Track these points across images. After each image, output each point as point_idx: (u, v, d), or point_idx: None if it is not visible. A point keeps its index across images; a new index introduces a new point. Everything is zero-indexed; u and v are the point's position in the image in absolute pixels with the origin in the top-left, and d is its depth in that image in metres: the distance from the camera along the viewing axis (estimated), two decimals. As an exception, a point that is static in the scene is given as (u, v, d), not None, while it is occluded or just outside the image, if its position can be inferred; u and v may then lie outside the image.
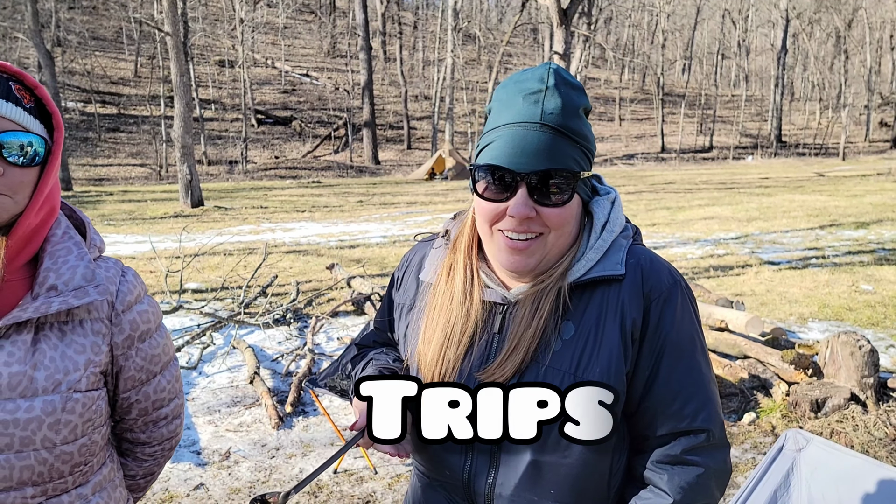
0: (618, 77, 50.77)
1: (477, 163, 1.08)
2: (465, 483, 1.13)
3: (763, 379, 4.47)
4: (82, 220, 1.29)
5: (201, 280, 8.25)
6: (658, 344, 1.07)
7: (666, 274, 1.10)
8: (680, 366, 1.07)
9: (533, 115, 1.04)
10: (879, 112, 47.34)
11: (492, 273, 1.17)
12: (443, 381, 1.11)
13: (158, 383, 1.31)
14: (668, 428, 1.08)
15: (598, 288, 1.08)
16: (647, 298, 1.07)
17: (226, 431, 4.22)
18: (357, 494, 3.46)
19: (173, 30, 15.64)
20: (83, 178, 24.18)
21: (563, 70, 1.09)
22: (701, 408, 1.07)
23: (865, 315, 6.55)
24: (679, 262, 9.20)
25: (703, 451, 1.07)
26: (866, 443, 3.72)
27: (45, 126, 1.16)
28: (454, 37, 32.65)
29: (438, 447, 1.14)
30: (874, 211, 14.09)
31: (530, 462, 1.06)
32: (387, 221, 14.17)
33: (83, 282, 1.15)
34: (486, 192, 1.06)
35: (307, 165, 29.22)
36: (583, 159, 1.07)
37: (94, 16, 42.22)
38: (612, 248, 1.10)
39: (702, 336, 1.13)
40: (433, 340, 1.15)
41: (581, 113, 1.07)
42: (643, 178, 25.56)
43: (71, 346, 1.14)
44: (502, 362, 1.07)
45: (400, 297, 1.29)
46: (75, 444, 1.15)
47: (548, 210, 1.04)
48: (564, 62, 21.28)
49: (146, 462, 1.40)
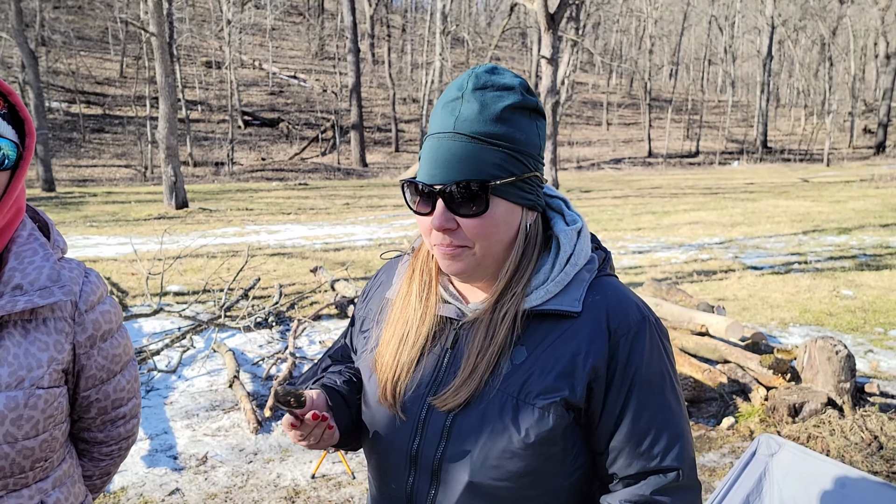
0: (605, 82, 51.05)
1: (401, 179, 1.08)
2: (408, 497, 1.12)
3: (742, 383, 4.49)
4: (45, 221, 1.32)
5: (183, 283, 8.18)
6: (627, 381, 1.04)
7: (634, 310, 1.07)
8: (650, 403, 1.05)
9: (447, 125, 1.01)
10: (863, 119, 47.88)
11: (450, 285, 1.16)
12: (395, 389, 1.12)
13: (118, 382, 1.35)
14: (638, 467, 1.05)
15: (554, 320, 1.07)
16: (615, 335, 1.04)
17: (203, 436, 4.18)
18: (335, 500, 3.44)
19: (159, 30, 15.54)
20: (67, 179, 23.95)
21: (494, 72, 1.04)
22: (671, 446, 1.05)
23: (846, 320, 6.61)
24: (663, 267, 9.25)
25: (672, 491, 1.05)
26: (842, 447, 3.74)
27: (16, 131, 1.19)
28: (443, 40, 32.70)
29: (386, 460, 1.14)
30: (857, 217, 14.24)
31: (468, 483, 1.05)
32: (373, 224, 14.14)
33: (48, 282, 1.19)
34: (416, 206, 1.06)
35: (294, 167, 29.10)
36: (509, 163, 1.02)
37: (79, 15, 41.88)
38: (574, 282, 1.08)
39: (673, 372, 1.10)
40: (391, 342, 1.15)
41: (507, 114, 1.01)
42: (630, 183, 25.68)
43: (34, 344, 1.17)
44: (457, 389, 1.06)
45: (362, 311, 1.29)
46: (37, 440, 1.18)
47: (466, 221, 1.02)
48: (552, 66, 21.32)
49: (103, 462, 1.42)
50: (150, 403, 4.67)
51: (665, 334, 1.11)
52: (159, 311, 6.26)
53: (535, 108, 1.05)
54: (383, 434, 1.13)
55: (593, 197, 19.97)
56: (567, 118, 42.97)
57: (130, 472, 3.71)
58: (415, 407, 1.10)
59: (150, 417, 4.43)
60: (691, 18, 53.06)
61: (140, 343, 5.89)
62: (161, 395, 4.80)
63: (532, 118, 1.05)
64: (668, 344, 1.12)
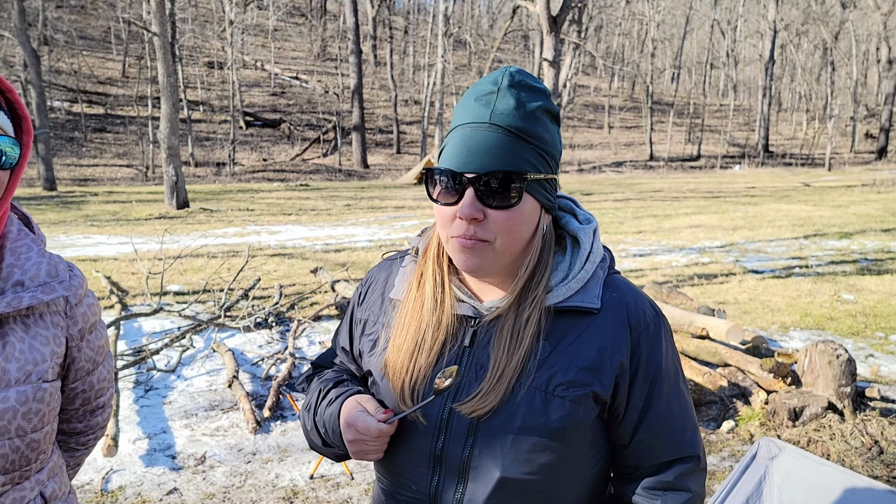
0: (607, 85, 51.04)
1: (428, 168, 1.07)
2: (431, 498, 1.11)
3: (742, 387, 4.48)
4: (24, 214, 1.33)
5: (183, 282, 8.18)
6: (650, 376, 1.09)
7: (649, 307, 1.12)
8: (671, 395, 1.11)
9: (482, 116, 1.02)
10: (865, 123, 47.85)
11: (463, 285, 1.16)
12: (414, 392, 1.10)
13: (100, 373, 1.37)
14: (665, 456, 1.11)
15: (574, 315, 1.09)
16: (636, 331, 1.08)
17: (202, 436, 4.17)
18: (333, 500, 3.43)
19: (161, 30, 15.56)
20: (68, 178, 23.97)
21: (525, 74, 1.06)
22: (691, 435, 1.13)
23: (846, 324, 6.59)
24: (664, 270, 9.23)
25: (692, 477, 1.12)
26: (842, 451, 3.73)
27: (14, 128, 1.20)
28: (445, 42, 32.71)
29: (406, 462, 1.13)
30: (858, 221, 14.22)
31: (499, 479, 1.06)
32: (374, 225, 14.14)
33: (48, 278, 1.21)
34: (439, 196, 1.05)
35: (295, 168, 29.11)
36: (539, 161, 1.04)
37: (81, 15, 41.96)
38: (591, 279, 1.11)
39: (681, 365, 1.16)
40: (404, 347, 1.13)
41: (538, 114, 1.04)
42: (631, 186, 25.68)
43: (36, 339, 1.19)
44: (485, 395, 1.05)
45: (362, 312, 1.26)
46: (42, 432, 1.20)
47: (495, 213, 1.02)
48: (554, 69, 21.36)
49: (77, 451, 1.45)
50: (148, 403, 4.66)
51: (671, 330, 1.18)
52: (159, 310, 6.25)
53: (557, 114, 1.09)
54: (402, 436, 1.12)
55: (595, 200, 19.96)
56: (569, 121, 43.00)
57: (128, 472, 3.71)
58: (436, 408, 1.09)
59: (148, 417, 4.42)
60: (693, 22, 53.08)
61: (140, 342, 5.89)
62: (160, 395, 4.79)
63: (555, 123, 1.09)
64: (674, 340, 1.18)
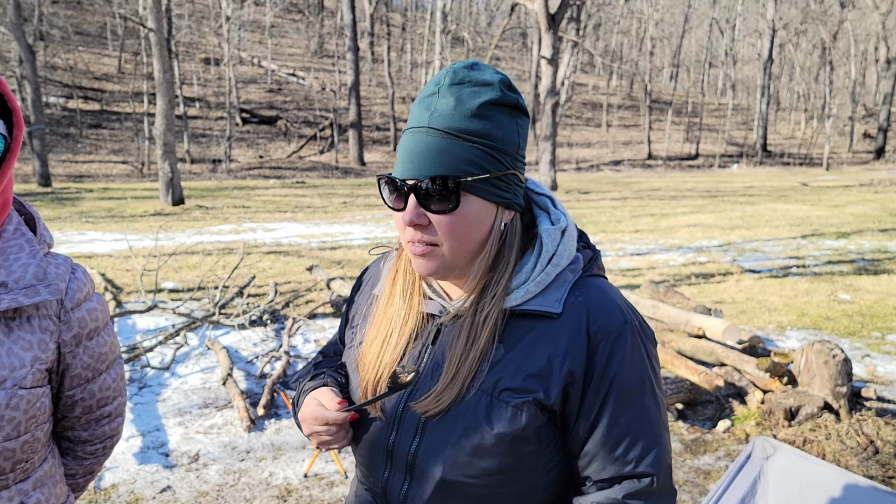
0: (606, 83, 51.04)
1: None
2: (382, 490, 1.14)
3: (739, 387, 4.47)
4: (32, 214, 1.28)
5: (178, 279, 8.15)
6: (604, 387, 1.03)
7: (616, 313, 1.05)
8: (628, 409, 1.03)
9: (422, 120, 1.00)
10: (863, 123, 47.93)
11: (433, 282, 1.16)
12: (377, 388, 1.12)
13: (104, 381, 1.32)
14: (612, 472, 1.04)
15: (534, 319, 1.05)
16: (594, 339, 1.02)
17: (196, 433, 4.15)
18: (326, 499, 3.41)
19: (157, 26, 15.50)
20: (63, 175, 23.87)
21: (474, 68, 1.03)
22: (646, 452, 1.04)
23: (843, 324, 6.59)
24: (661, 269, 9.23)
25: (646, 497, 1.03)
26: (838, 451, 3.72)
27: (4, 122, 1.17)
28: (442, 39, 32.69)
29: (366, 453, 1.15)
30: (855, 221, 14.24)
31: (440, 479, 1.05)
32: (370, 223, 14.11)
33: (34, 280, 1.15)
34: (392, 202, 1.05)
35: (292, 165, 29.05)
36: (485, 160, 1.00)
37: (77, 10, 41.80)
38: (555, 282, 1.06)
39: (654, 377, 1.08)
40: (374, 343, 1.15)
41: (485, 110, 1.00)
42: (629, 185, 25.67)
43: (17, 343, 1.14)
44: (438, 395, 1.05)
45: (354, 306, 1.30)
46: (18, 441, 1.14)
47: (438, 217, 1.01)
48: (552, 67, 21.27)
49: (87, 460, 1.40)
50: (142, 400, 4.63)
51: (649, 338, 1.09)
52: (154, 307, 6.22)
53: (515, 105, 1.04)
54: (365, 429, 1.14)
55: (592, 199, 19.96)
56: (567, 119, 42.98)
57: (121, 469, 3.68)
58: (393, 403, 1.10)
59: (142, 414, 4.40)
60: (692, 21, 53.05)
61: (134, 340, 5.86)
62: (154, 392, 4.77)
63: (512, 116, 1.03)
64: (652, 348, 1.10)
